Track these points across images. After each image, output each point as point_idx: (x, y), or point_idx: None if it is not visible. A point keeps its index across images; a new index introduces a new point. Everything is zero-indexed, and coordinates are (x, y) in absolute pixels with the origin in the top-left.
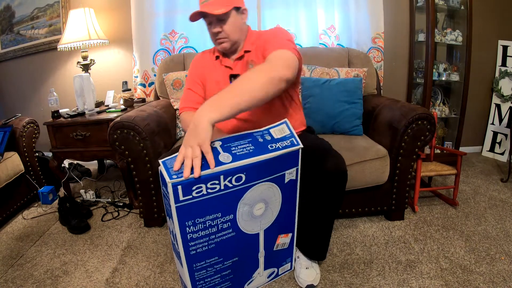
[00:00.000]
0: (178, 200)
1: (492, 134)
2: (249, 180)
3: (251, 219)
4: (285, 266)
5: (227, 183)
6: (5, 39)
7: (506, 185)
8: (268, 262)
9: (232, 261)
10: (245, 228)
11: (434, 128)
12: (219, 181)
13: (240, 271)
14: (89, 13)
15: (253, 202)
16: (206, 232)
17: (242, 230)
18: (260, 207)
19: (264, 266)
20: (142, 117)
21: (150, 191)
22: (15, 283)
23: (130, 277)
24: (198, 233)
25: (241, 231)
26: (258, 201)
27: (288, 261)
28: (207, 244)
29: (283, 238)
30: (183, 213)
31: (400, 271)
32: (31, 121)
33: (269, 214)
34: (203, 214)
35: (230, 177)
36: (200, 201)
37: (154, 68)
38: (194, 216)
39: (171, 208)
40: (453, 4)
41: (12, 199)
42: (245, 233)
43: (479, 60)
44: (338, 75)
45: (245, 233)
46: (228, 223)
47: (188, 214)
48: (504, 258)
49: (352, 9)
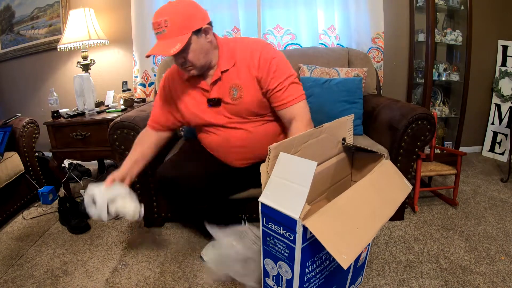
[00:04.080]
0: (306, 239)
1: (492, 134)
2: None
3: None
4: (359, 280)
5: None
6: (5, 39)
7: (506, 185)
8: (351, 280)
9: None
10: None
11: (434, 128)
12: None
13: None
14: (89, 13)
15: None
16: (320, 269)
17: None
18: None
19: (348, 285)
20: (142, 117)
21: (150, 191)
22: (15, 283)
23: (130, 277)
24: (314, 272)
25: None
26: None
27: (361, 275)
28: (319, 280)
29: (364, 252)
30: (306, 254)
31: (400, 271)
32: (31, 121)
33: None
34: (321, 249)
35: None
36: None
37: (154, 68)
38: (314, 254)
39: (294, 250)
40: (453, 4)
41: (12, 199)
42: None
43: (479, 60)
44: (338, 75)
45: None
46: None
47: (310, 253)
48: (504, 258)
49: (352, 9)
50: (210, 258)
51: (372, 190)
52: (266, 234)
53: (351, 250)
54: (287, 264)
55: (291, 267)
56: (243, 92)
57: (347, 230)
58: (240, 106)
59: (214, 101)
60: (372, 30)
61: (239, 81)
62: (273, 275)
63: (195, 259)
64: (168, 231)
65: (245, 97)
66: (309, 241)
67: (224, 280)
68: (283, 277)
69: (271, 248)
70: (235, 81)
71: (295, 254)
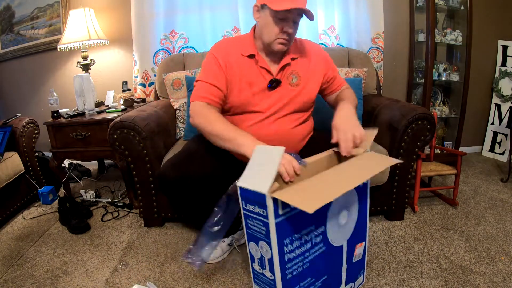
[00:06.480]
0: (278, 214)
1: (492, 134)
2: None
3: (338, 229)
4: (359, 279)
5: None
6: (5, 39)
7: (506, 185)
8: (348, 277)
9: (323, 281)
10: (333, 240)
11: (434, 128)
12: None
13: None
14: (89, 13)
15: (340, 210)
16: (302, 250)
17: (331, 243)
18: (344, 215)
19: (345, 281)
20: (142, 117)
21: (150, 191)
22: (15, 283)
23: (130, 277)
24: (295, 252)
25: (330, 244)
26: (343, 209)
27: (361, 273)
28: (302, 263)
29: (359, 248)
30: (281, 230)
31: (400, 271)
32: (31, 121)
33: (350, 222)
34: (299, 228)
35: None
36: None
37: (154, 68)
38: (292, 232)
39: (268, 226)
40: (453, 4)
41: (12, 199)
42: (333, 247)
43: (479, 60)
44: None
45: (333, 246)
46: (320, 236)
47: (286, 230)
48: (504, 258)
49: (352, 9)
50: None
51: (348, 168)
52: (246, 217)
53: (316, 202)
54: (266, 242)
55: (269, 245)
56: (301, 80)
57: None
58: (295, 93)
59: (276, 81)
60: (372, 30)
61: (300, 70)
62: (257, 259)
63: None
64: (168, 231)
65: (302, 86)
66: (283, 216)
67: (223, 280)
68: (265, 258)
69: (252, 230)
70: (297, 69)
71: (270, 230)
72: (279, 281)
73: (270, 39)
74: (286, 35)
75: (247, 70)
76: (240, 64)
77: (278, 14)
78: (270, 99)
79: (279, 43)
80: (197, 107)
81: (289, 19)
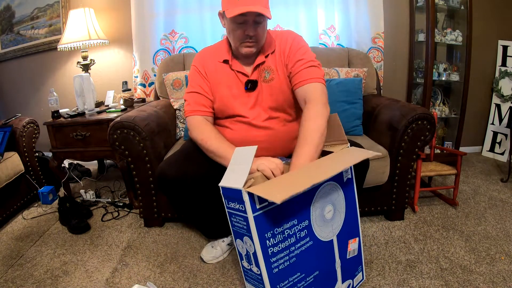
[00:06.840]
0: (256, 208)
1: (492, 134)
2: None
3: (324, 223)
4: (358, 276)
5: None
6: (5, 39)
7: (506, 185)
8: (344, 273)
9: (314, 276)
10: (320, 234)
11: (434, 128)
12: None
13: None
14: (89, 13)
15: (323, 204)
16: (286, 244)
17: (318, 238)
18: (329, 210)
19: (342, 278)
20: (142, 117)
21: (150, 191)
22: (15, 283)
23: (130, 277)
24: (279, 246)
25: (317, 238)
26: (327, 203)
27: (359, 270)
28: (288, 258)
29: (352, 243)
30: (261, 224)
31: (400, 271)
32: (31, 121)
33: (338, 217)
34: (280, 222)
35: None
36: (276, 208)
37: (154, 68)
38: (272, 225)
39: (248, 220)
40: (453, 4)
41: (12, 199)
42: (321, 241)
43: (479, 60)
44: (338, 75)
45: (321, 241)
46: (305, 231)
47: (266, 224)
48: (504, 258)
49: (352, 9)
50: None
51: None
52: (230, 215)
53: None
54: (248, 236)
55: (251, 238)
56: (274, 75)
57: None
58: (270, 90)
59: (252, 82)
60: (372, 30)
61: (272, 64)
62: (244, 255)
63: (195, 259)
64: (168, 231)
65: (276, 80)
66: (261, 211)
67: (223, 280)
68: (250, 252)
69: (236, 227)
70: (269, 64)
71: (249, 224)
72: (265, 275)
73: (236, 44)
74: (249, 37)
75: (224, 76)
76: (217, 71)
77: (236, 19)
78: (250, 100)
79: (245, 46)
80: (194, 122)
81: (248, 22)
